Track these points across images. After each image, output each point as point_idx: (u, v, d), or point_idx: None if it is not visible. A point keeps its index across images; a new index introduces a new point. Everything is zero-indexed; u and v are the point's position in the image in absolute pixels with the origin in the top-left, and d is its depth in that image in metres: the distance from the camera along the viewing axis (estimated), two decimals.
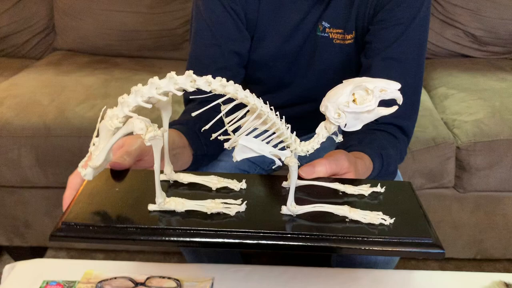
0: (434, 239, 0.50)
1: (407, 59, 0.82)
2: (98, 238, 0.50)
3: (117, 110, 0.48)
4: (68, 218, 0.51)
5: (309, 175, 0.58)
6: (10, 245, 1.50)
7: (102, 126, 0.49)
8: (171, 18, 1.78)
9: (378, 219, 0.51)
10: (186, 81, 0.46)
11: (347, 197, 0.56)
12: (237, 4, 0.83)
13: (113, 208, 0.52)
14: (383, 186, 0.58)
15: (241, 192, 0.56)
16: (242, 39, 0.85)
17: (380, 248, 0.49)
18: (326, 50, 0.87)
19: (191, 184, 0.57)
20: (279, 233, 0.50)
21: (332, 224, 0.51)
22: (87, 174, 0.51)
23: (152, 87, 0.46)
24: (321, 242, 0.49)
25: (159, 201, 0.51)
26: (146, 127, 0.46)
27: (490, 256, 1.47)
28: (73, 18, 1.81)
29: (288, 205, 0.52)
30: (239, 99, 0.47)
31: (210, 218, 0.51)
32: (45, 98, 1.44)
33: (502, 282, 0.67)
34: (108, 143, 0.49)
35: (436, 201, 1.37)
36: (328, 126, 0.50)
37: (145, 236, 0.49)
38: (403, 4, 0.80)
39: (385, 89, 0.47)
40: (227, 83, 0.46)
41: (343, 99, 0.47)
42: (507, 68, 1.69)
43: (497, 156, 1.29)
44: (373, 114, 0.48)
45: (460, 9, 1.74)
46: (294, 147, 0.51)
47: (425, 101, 1.50)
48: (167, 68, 1.69)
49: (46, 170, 1.34)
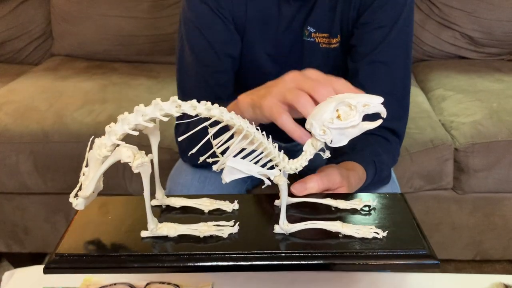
0: (428, 250, 0.50)
1: (394, 61, 0.82)
2: (92, 268, 0.50)
3: (105, 139, 0.48)
4: (61, 249, 0.51)
5: (301, 192, 0.58)
6: (9, 251, 1.50)
7: (90, 155, 0.49)
8: (168, 22, 1.78)
9: (371, 233, 0.51)
10: (171, 106, 0.46)
11: (340, 212, 0.56)
12: (224, 10, 0.83)
13: (107, 236, 0.53)
14: (376, 199, 0.58)
15: (234, 213, 0.56)
16: (233, 42, 0.86)
17: (374, 262, 0.49)
18: (313, 55, 0.88)
19: (184, 208, 0.57)
20: (273, 253, 0.50)
21: (326, 241, 0.51)
22: (79, 204, 0.51)
23: (138, 114, 0.47)
24: (316, 260, 0.49)
25: (151, 227, 0.51)
26: (133, 154, 0.47)
27: (489, 257, 1.47)
28: (70, 23, 1.82)
29: (281, 223, 0.52)
30: (225, 121, 0.48)
31: (203, 242, 0.51)
32: (43, 104, 1.44)
33: (502, 284, 0.66)
34: (97, 173, 0.49)
35: (435, 203, 1.37)
36: (315, 143, 0.50)
37: (139, 263, 0.49)
38: (385, 6, 0.80)
39: (368, 104, 0.48)
40: (212, 107, 0.47)
41: (327, 116, 0.48)
42: (504, 69, 1.70)
43: (495, 157, 1.29)
44: (357, 129, 0.49)
45: (457, 10, 1.74)
46: (283, 165, 0.51)
47: (422, 103, 1.51)
48: (165, 73, 1.70)
49: (45, 176, 1.34)
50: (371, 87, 0.83)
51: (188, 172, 0.89)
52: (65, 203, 1.58)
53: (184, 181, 0.88)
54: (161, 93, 1.55)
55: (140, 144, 0.48)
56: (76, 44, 1.84)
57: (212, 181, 0.88)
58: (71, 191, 0.52)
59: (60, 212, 1.42)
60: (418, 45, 1.80)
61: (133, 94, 1.54)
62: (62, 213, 1.42)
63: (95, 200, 0.55)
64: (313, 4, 0.84)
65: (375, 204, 0.57)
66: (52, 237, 1.45)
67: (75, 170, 1.32)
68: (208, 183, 0.88)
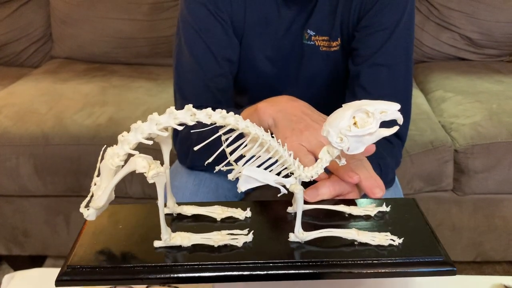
0: (445, 257, 0.49)
1: (395, 64, 0.82)
2: (105, 280, 0.49)
3: (118, 149, 0.47)
4: (73, 261, 0.50)
5: (313, 198, 0.58)
6: (9, 254, 1.49)
7: (103, 165, 0.48)
8: (167, 25, 1.78)
9: (387, 240, 0.51)
10: (186, 115, 0.46)
11: (354, 219, 0.56)
12: (223, 13, 0.83)
13: (118, 247, 0.51)
14: (388, 204, 0.58)
15: (246, 221, 0.55)
16: (232, 46, 0.85)
17: (391, 270, 0.48)
18: (313, 58, 0.87)
19: (195, 216, 0.56)
20: (289, 262, 0.49)
21: (342, 249, 0.50)
22: (90, 215, 0.50)
23: (152, 123, 0.46)
24: (332, 268, 0.48)
25: (164, 237, 0.50)
26: (148, 164, 0.46)
27: (490, 258, 1.47)
28: (70, 26, 1.82)
29: (296, 232, 0.51)
30: (240, 129, 0.47)
31: (218, 251, 0.50)
32: (43, 107, 1.44)
33: (502, 285, 0.66)
34: (111, 183, 0.48)
35: (435, 204, 1.37)
36: (331, 150, 0.50)
37: (153, 274, 0.48)
38: (386, 9, 0.80)
39: (385, 111, 0.47)
40: (227, 115, 0.46)
41: (345, 124, 0.47)
42: (504, 71, 1.70)
43: (495, 159, 1.29)
44: (374, 136, 0.48)
45: (456, 12, 1.75)
46: (298, 173, 0.50)
47: (422, 105, 1.51)
48: (164, 75, 1.70)
49: (45, 179, 1.34)
50: (373, 90, 0.83)
51: (183, 175, 0.89)
52: (65, 205, 1.58)
53: (179, 183, 0.88)
54: (161, 95, 1.55)
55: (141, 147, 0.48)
56: (75, 47, 1.84)
57: (207, 184, 0.88)
58: (71, 193, 0.52)
59: (60, 215, 1.41)
60: (418, 46, 1.80)
61: (132, 97, 1.53)
62: (62, 215, 1.41)
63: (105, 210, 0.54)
64: (313, 7, 0.84)
65: (388, 210, 0.57)
66: (52, 240, 1.45)
67: (75, 172, 1.32)
68: (203, 185, 0.87)
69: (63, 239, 1.43)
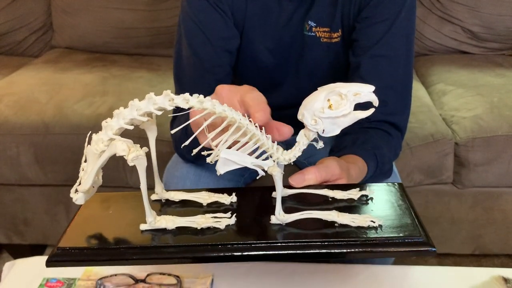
0: (425, 238, 0.50)
1: (396, 55, 0.82)
2: (93, 261, 0.51)
3: (102, 134, 0.49)
4: (63, 242, 0.52)
5: (299, 183, 0.58)
6: (9, 243, 1.50)
7: (88, 150, 0.50)
8: (168, 15, 1.78)
9: (367, 221, 0.51)
10: (164, 100, 0.47)
11: (337, 203, 0.56)
12: (223, 4, 0.83)
13: (107, 230, 0.54)
14: (375, 189, 0.58)
15: (232, 206, 0.57)
16: (232, 37, 0.85)
17: (370, 249, 0.49)
18: (314, 49, 0.87)
19: (183, 201, 0.58)
20: (269, 242, 0.50)
21: (322, 230, 0.51)
22: (79, 199, 0.52)
23: (133, 109, 0.47)
24: (312, 249, 0.49)
25: (149, 220, 0.52)
26: (128, 148, 0.47)
27: (488, 251, 1.48)
28: (70, 15, 1.81)
29: (276, 214, 0.52)
30: (217, 113, 0.48)
31: (201, 233, 0.52)
32: (43, 96, 1.44)
33: (501, 277, 0.67)
34: (95, 167, 0.50)
35: (435, 197, 1.38)
36: (307, 133, 0.50)
37: (138, 255, 0.50)
38: (387, 1, 0.80)
39: (358, 93, 0.48)
40: (204, 99, 0.47)
41: (318, 105, 0.48)
42: (505, 64, 1.70)
43: (495, 152, 1.30)
44: (349, 118, 0.49)
45: (458, 5, 1.74)
46: (277, 156, 0.51)
47: (423, 97, 1.51)
48: (165, 65, 1.70)
49: (45, 168, 1.34)
50: (373, 81, 0.82)
51: (184, 165, 0.90)
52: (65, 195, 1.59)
53: (180, 173, 0.88)
54: (161, 85, 1.55)
55: (142, 137, 0.48)
56: (76, 37, 1.84)
57: (208, 174, 0.88)
58: (71, 183, 0.53)
59: (60, 204, 1.42)
60: (420, 39, 1.80)
61: (133, 87, 1.53)
62: (62, 204, 1.42)
63: (97, 196, 0.56)
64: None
65: (372, 194, 0.57)
66: (52, 229, 1.46)
67: (75, 162, 1.32)
68: (204, 175, 0.88)
69: (63, 228, 1.40)
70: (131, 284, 0.65)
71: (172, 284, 0.66)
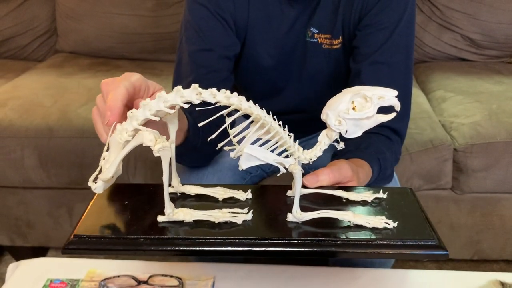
0: (437, 241, 0.51)
1: (395, 62, 0.83)
2: (109, 250, 0.51)
3: (126, 124, 0.49)
4: (79, 230, 0.52)
5: (313, 184, 0.60)
6: (12, 245, 1.51)
7: (112, 139, 0.50)
8: (171, 21, 1.79)
9: (382, 223, 0.52)
10: (192, 93, 0.48)
11: (351, 204, 0.57)
12: (225, 12, 0.84)
13: (123, 220, 0.54)
14: (386, 192, 0.59)
15: (247, 202, 0.58)
16: (231, 45, 0.87)
17: (385, 251, 0.50)
18: (315, 55, 0.89)
19: (198, 195, 0.59)
20: (286, 239, 0.51)
21: (338, 230, 0.52)
22: (98, 188, 0.52)
23: (160, 100, 0.48)
24: (327, 247, 0.50)
25: (168, 212, 0.53)
26: (155, 138, 0.48)
27: (487, 257, 1.48)
28: (75, 20, 1.83)
29: (294, 212, 0.53)
30: (243, 109, 0.49)
31: (218, 227, 0.52)
32: (47, 100, 1.46)
33: (498, 281, 0.68)
34: (118, 156, 0.50)
35: (434, 202, 1.38)
36: (330, 133, 0.51)
37: (155, 246, 0.50)
38: (387, 9, 0.81)
39: (383, 96, 0.49)
40: (231, 95, 0.48)
41: (343, 107, 0.49)
42: (504, 72, 1.71)
43: (494, 158, 1.30)
44: (372, 121, 0.50)
45: (458, 13, 1.75)
46: (298, 155, 0.52)
47: (423, 104, 1.52)
48: (167, 70, 1.71)
49: (49, 171, 1.35)
50: None
51: (185, 169, 0.90)
52: (69, 197, 1.59)
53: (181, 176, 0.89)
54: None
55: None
56: (80, 41, 1.85)
57: (209, 178, 0.89)
58: (74, 186, 0.53)
59: (63, 207, 1.43)
60: (420, 46, 1.81)
61: None
62: (65, 207, 1.43)
63: (111, 186, 0.56)
64: (316, 5, 0.85)
65: (385, 197, 0.58)
66: (55, 231, 1.46)
67: (79, 165, 1.34)
68: (206, 180, 0.89)
69: (65, 231, 1.44)
70: (134, 286, 0.65)
71: (174, 286, 0.66)
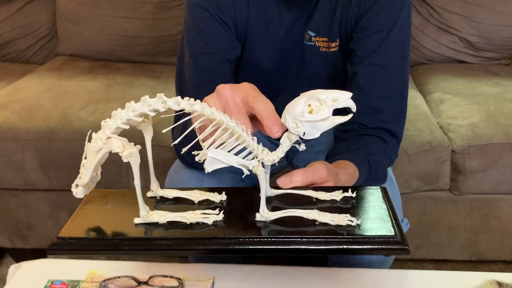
0: (399, 237, 0.52)
1: (391, 64, 0.84)
2: (89, 250, 0.55)
3: (100, 133, 0.53)
4: (63, 233, 0.56)
5: (286, 184, 0.61)
6: (12, 247, 1.51)
7: (88, 148, 0.54)
8: (171, 24, 1.80)
9: (345, 220, 0.54)
10: (157, 102, 0.51)
11: (320, 203, 0.59)
12: (225, 15, 0.84)
13: (105, 223, 0.57)
14: (359, 192, 0.61)
15: (221, 204, 0.60)
16: (232, 48, 0.87)
17: (346, 246, 0.52)
18: (313, 58, 0.89)
19: (176, 198, 0.62)
20: (252, 237, 0.53)
21: (303, 228, 0.54)
22: (78, 193, 0.56)
23: (129, 110, 0.52)
24: (292, 245, 0.52)
25: (142, 214, 0.56)
26: (123, 145, 0.51)
27: (485, 257, 1.48)
28: (75, 23, 1.84)
29: (261, 211, 0.55)
30: (206, 115, 0.52)
31: (190, 228, 0.55)
32: (48, 103, 1.46)
33: (495, 281, 0.68)
34: (93, 162, 0.54)
35: (432, 203, 1.39)
36: (290, 135, 0.54)
37: (131, 246, 0.54)
38: (383, 12, 0.82)
39: (337, 99, 0.51)
40: (195, 102, 0.51)
41: (299, 110, 0.51)
42: (502, 73, 1.71)
43: (491, 159, 1.31)
44: (328, 122, 0.52)
45: (456, 15, 1.76)
46: (261, 156, 0.54)
47: (421, 105, 1.53)
48: (167, 73, 1.72)
49: (49, 173, 1.36)
50: (369, 89, 0.85)
51: (186, 170, 0.91)
52: (69, 200, 1.60)
53: (181, 178, 0.90)
54: (164, 93, 1.56)
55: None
56: (80, 44, 1.86)
57: (209, 179, 0.90)
58: None
59: (64, 209, 1.44)
60: (418, 48, 1.82)
61: (136, 94, 1.55)
62: (65, 209, 1.43)
63: (98, 192, 0.61)
64: (313, 9, 0.86)
65: (355, 195, 0.60)
66: (56, 233, 1.46)
67: (79, 167, 1.34)
68: (206, 180, 0.89)
69: None
70: (134, 286, 0.66)
71: (174, 286, 0.67)
